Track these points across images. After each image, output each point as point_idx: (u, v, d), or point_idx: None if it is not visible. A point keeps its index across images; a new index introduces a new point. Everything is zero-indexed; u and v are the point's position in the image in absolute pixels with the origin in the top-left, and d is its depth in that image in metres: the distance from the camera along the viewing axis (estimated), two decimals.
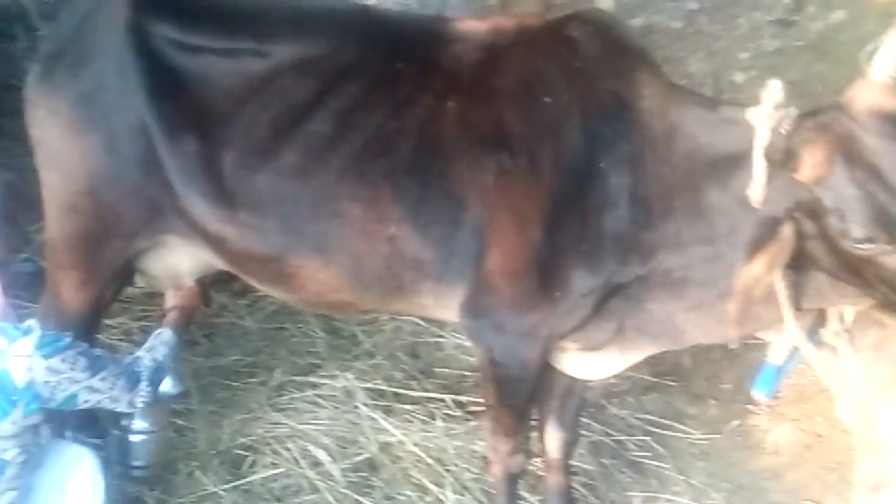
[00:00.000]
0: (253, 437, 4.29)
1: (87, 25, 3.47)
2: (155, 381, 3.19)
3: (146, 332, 4.75)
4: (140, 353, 3.24)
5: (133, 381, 3.09)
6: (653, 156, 3.14)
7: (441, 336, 4.98)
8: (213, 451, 4.20)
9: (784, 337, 3.19)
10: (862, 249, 2.73)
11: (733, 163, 3.00)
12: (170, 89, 3.34)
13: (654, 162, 3.14)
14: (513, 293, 3.23)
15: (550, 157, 3.19)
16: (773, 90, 2.83)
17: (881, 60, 2.70)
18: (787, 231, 2.84)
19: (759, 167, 2.87)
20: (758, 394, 3.33)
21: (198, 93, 3.35)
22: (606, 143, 3.15)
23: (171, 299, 3.70)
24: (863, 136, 2.69)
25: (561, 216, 3.15)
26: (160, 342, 3.34)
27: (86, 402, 2.92)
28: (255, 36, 3.40)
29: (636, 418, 4.64)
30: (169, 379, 3.50)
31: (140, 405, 3.15)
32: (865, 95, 2.72)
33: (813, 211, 2.78)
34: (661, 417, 4.65)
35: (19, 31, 8.28)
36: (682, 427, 4.61)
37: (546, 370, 3.61)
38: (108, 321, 4.63)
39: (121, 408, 3.09)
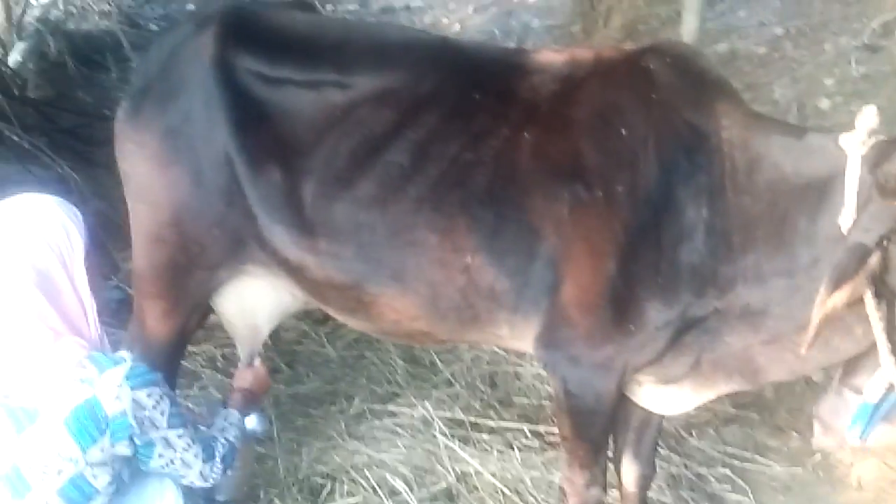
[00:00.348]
0: (331, 466, 4.31)
1: (174, 60, 3.55)
2: (227, 461, 3.18)
3: (229, 359, 4.86)
4: (214, 432, 3.25)
5: (208, 452, 3.08)
6: (733, 187, 3.12)
7: (520, 366, 4.97)
8: (292, 479, 4.22)
9: (881, 373, 3.06)
10: None
11: (822, 191, 2.96)
12: (253, 121, 3.41)
13: (734, 193, 3.11)
14: (587, 325, 3.23)
15: (626, 189, 3.17)
16: (868, 115, 2.80)
17: None
18: (874, 261, 2.79)
19: (851, 193, 2.82)
20: (851, 435, 3.20)
21: (280, 124, 3.41)
22: (684, 174, 3.13)
23: (238, 380, 3.70)
24: None
25: (636, 248, 3.14)
26: (230, 423, 3.34)
27: (160, 457, 2.91)
28: (336, 68, 3.46)
29: (716, 451, 4.57)
30: (255, 416, 3.54)
31: (211, 481, 3.12)
32: None
33: None
34: (742, 450, 4.58)
35: (112, 62, 8.52)
36: (763, 460, 4.53)
37: (622, 402, 3.60)
38: (192, 348, 4.72)
39: (191, 476, 3.05)
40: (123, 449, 2.79)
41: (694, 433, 4.68)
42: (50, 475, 2.67)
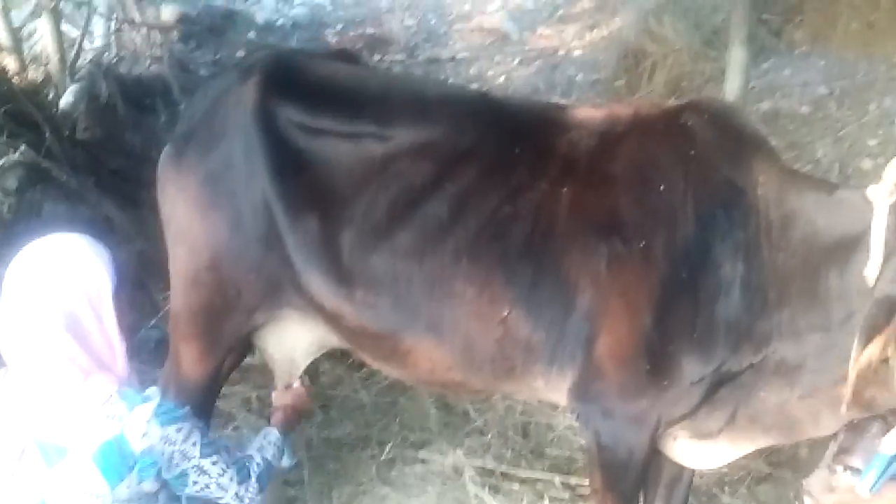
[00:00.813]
0: None
1: (218, 107, 3.62)
2: (263, 481, 3.18)
3: (263, 401, 4.89)
4: (250, 451, 3.26)
5: (243, 474, 3.08)
6: (768, 243, 3.14)
7: (553, 416, 4.96)
8: None
9: None
10: None
11: (852, 245, 2.98)
12: (293, 170, 3.46)
13: (769, 249, 3.13)
14: (622, 379, 3.24)
15: (663, 244, 3.20)
16: (894, 168, 2.81)
17: None
18: None
19: (877, 244, 2.84)
20: (862, 486, 3.17)
21: (319, 174, 3.46)
22: (720, 231, 3.15)
23: (277, 398, 3.72)
24: None
25: (673, 303, 3.16)
26: (268, 442, 3.34)
27: (195, 483, 2.93)
28: (376, 120, 3.51)
29: None
30: (285, 451, 3.56)
31: (248, 501, 3.11)
32: None
33: None
34: None
35: (161, 106, 8.64)
36: None
37: (654, 456, 3.59)
38: (226, 389, 4.73)
39: (227, 498, 3.06)
40: (150, 486, 2.81)
41: (726, 490, 4.64)
42: None
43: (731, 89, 7.38)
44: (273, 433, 3.38)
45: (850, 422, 3.11)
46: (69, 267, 2.77)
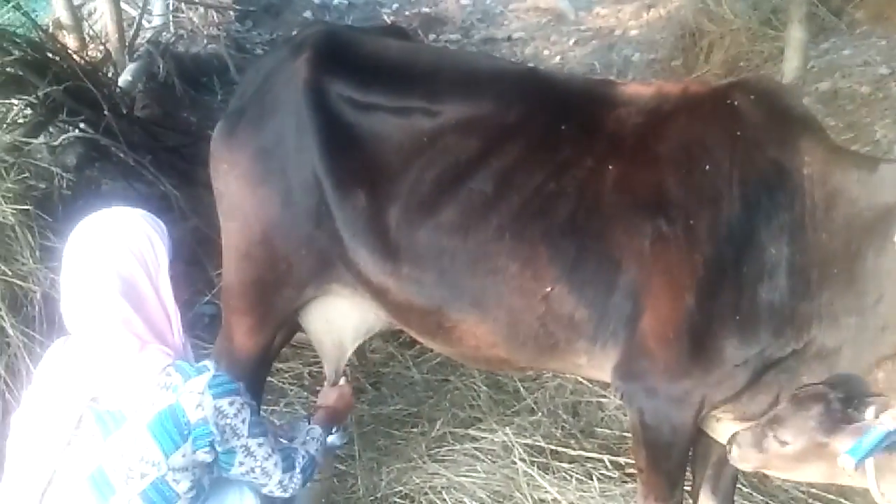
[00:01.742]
0: (410, 487, 4.36)
1: (269, 83, 3.65)
2: (307, 473, 3.20)
3: (316, 378, 4.93)
4: (296, 444, 3.29)
5: (288, 463, 3.12)
6: (812, 224, 3.10)
7: (603, 396, 4.95)
8: (372, 498, 4.28)
9: None
10: None
11: (889, 220, 2.95)
12: (343, 145, 3.48)
13: (813, 230, 3.10)
14: (665, 358, 3.23)
15: (708, 224, 3.19)
16: None
17: None
18: None
19: None
20: (847, 458, 3.10)
21: (368, 149, 3.48)
22: (766, 212, 3.12)
23: (323, 397, 3.74)
24: None
25: (716, 285, 3.14)
26: (311, 438, 3.37)
27: (241, 465, 2.96)
28: (426, 95, 3.52)
29: (800, 491, 4.48)
30: (335, 433, 3.61)
31: (291, 492, 3.15)
32: None
33: None
34: (824, 491, 4.49)
35: (217, 85, 8.72)
36: (846, 502, 4.44)
37: (701, 437, 3.58)
38: (279, 365, 4.81)
39: (270, 485, 3.08)
40: (204, 455, 2.84)
41: None
42: (134, 478, 2.73)
43: (790, 69, 7.30)
44: (316, 430, 3.42)
45: (793, 394, 3.06)
46: (126, 235, 2.83)
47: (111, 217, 2.89)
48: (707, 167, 3.23)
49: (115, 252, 2.79)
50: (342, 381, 3.94)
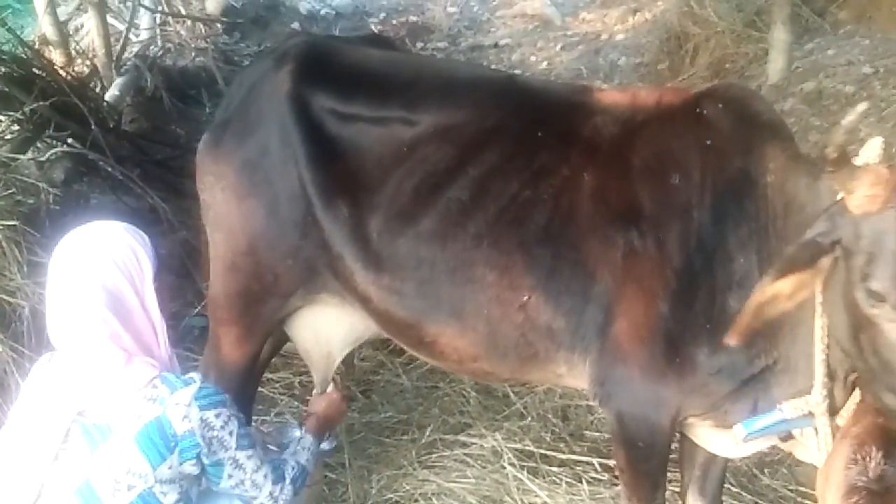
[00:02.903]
0: (401, 493, 4.37)
1: (253, 95, 3.67)
2: (297, 484, 3.21)
3: (306, 387, 4.95)
4: (285, 455, 3.29)
5: (277, 474, 3.12)
6: (775, 232, 3.11)
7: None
8: None
9: (808, 398, 3.04)
10: (871, 306, 2.61)
11: None
12: (326, 156, 3.51)
13: (776, 239, 3.10)
14: (640, 361, 3.24)
15: (679, 234, 3.20)
16: (873, 146, 2.80)
17: None
18: (824, 263, 2.74)
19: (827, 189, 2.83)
20: (740, 428, 3.16)
21: (351, 159, 3.51)
22: (734, 221, 3.14)
23: (313, 405, 3.74)
24: None
25: (687, 294, 3.16)
26: (302, 447, 3.37)
27: (230, 477, 2.97)
28: (405, 104, 3.55)
29: (789, 490, 4.50)
30: (326, 438, 3.61)
31: (281, 502, 3.14)
32: None
33: (848, 248, 2.65)
34: (814, 490, 4.50)
35: (206, 97, 8.74)
36: None
37: (686, 437, 3.61)
38: (270, 375, 4.82)
39: (261, 498, 3.08)
40: (191, 468, 2.85)
41: (766, 471, 4.62)
42: (121, 491, 2.74)
43: (775, 70, 7.38)
44: (307, 439, 3.42)
45: None
46: (110, 248, 2.83)
47: (94, 231, 2.90)
48: (677, 177, 3.24)
49: (99, 265, 2.80)
50: (331, 388, 3.95)
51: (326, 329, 3.87)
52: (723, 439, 3.47)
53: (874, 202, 2.56)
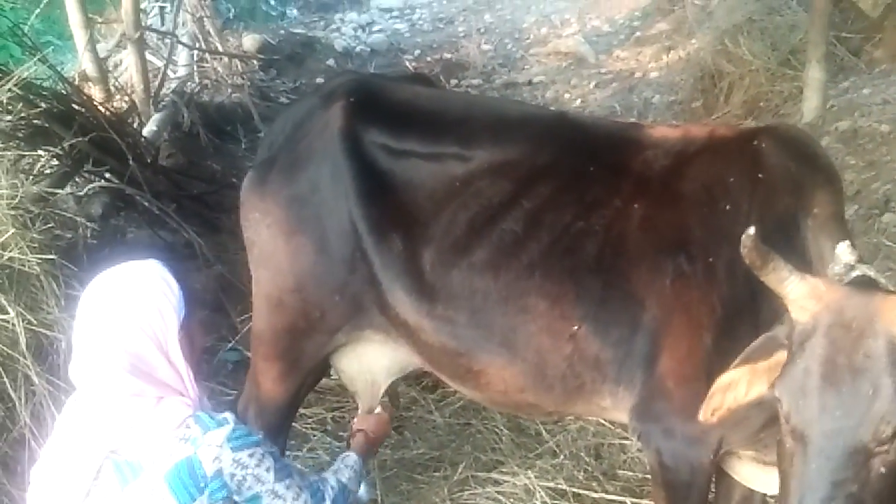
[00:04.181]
0: None
1: (301, 132, 3.69)
2: (338, 502, 3.20)
3: (339, 422, 4.95)
4: (326, 474, 3.27)
5: (317, 498, 3.10)
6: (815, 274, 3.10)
7: (626, 438, 4.92)
8: None
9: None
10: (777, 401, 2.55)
11: None
12: (378, 191, 3.52)
13: None
14: (682, 397, 3.22)
15: (726, 264, 3.19)
16: (842, 251, 2.79)
17: None
18: (779, 357, 2.67)
19: None
20: None
21: (403, 194, 3.53)
22: (781, 255, 3.12)
23: (359, 422, 3.75)
24: (847, 332, 2.45)
25: (732, 325, 3.14)
26: (345, 465, 3.36)
27: None
28: (458, 141, 3.57)
29: None
30: (363, 483, 3.58)
31: None
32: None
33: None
34: None
35: (241, 133, 8.83)
36: None
37: (723, 476, 3.58)
38: (303, 410, 4.81)
39: None
40: None
41: None
42: None
43: (809, 108, 7.35)
44: (351, 457, 3.41)
45: None
46: (135, 307, 2.82)
47: (119, 288, 2.87)
48: (727, 207, 3.25)
49: (123, 329, 2.78)
50: (378, 408, 3.95)
51: (370, 359, 3.87)
52: (762, 475, 3.44)
53: (803, 313, 2.53)
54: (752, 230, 2.48)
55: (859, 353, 2.40)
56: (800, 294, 2.52)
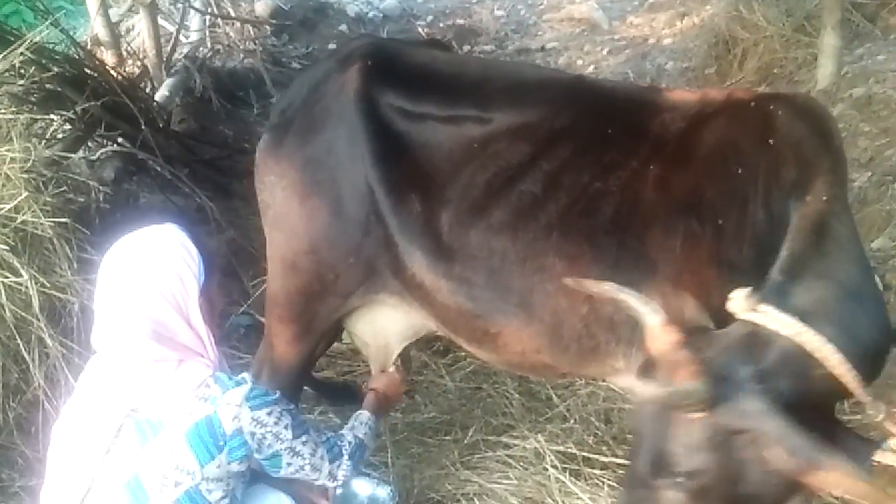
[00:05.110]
0: (443, 493, 4.37)
1: (317, 95, 3.71)
2: (355, 458, 3.25)
3: (349, 386, 4.97)
4: (343, 431, 3.34)
5: (334, 453, 3.17)
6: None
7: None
8: None
9: None
10: None
11: None
12: (395, 153, 3.55)
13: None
14: None
15: (735, 226, 3.21)
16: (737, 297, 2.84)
17: None
18: None
19: None
20: None
21: (420, 156, 3.55)
22: (784, 225, 3.12)
23: (374, 381, 3.80)
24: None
25: (739, 286, 3.15)
26: (360, 423, 3.42)
27: (289, 465, 3.02)
28: (475, 104, 3.60)
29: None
30: (385, 489, 3.71)
31: (342, 479, 3.20)
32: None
33: None
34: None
35: (254, 98, 8.81)
36: None
37: None
38: (315, 374, 4.83)
39: (322, 479, 3.15)
40: (238, 467, 2.89)
41: None
42: (168, 486, 2.79)
43: (824, 75, 7.31)
44: (364, 414, 3.47)
45: None
46: (156, 274, 2.86)
47: (139, 254, 2.90)
48: (738, 169, 3.25)
49: (144, 296, 2.82)
50: (392, 367, 3.98)
51: (384, 323, 3.90)
52: None
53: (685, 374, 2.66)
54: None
55: None
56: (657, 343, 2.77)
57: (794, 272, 2.97)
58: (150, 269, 2.86)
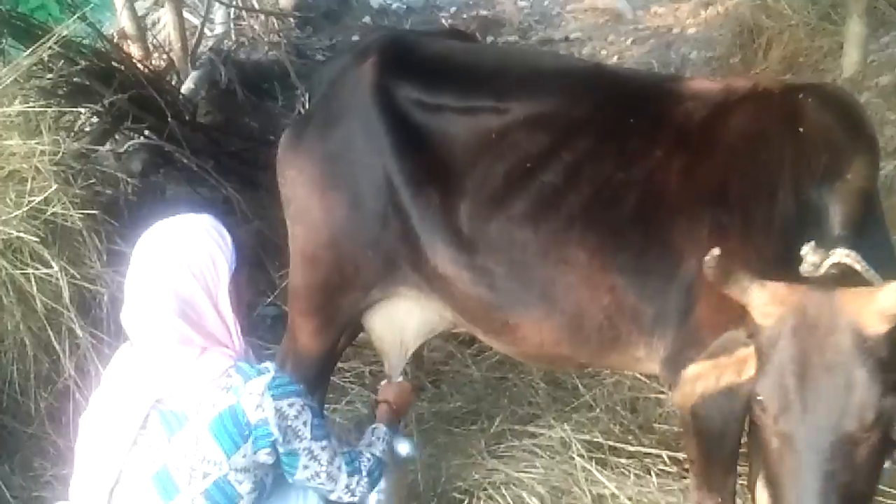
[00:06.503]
0: (469, 482, 4.38)
1: (335, 89, 3.74)
2: (374, 476, 3.22)
3: (376, 376, 4.99)
4: (360, 447, 3.30)
5: (353, 466, 3.13)
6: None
7: (661, 392, 4.91)
8: (431, 494, 4.32)
9: None
10: (759, 412, 2.61)
11: None
12: (413, 146, 3.56)
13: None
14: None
15: (764, 216, 3.20)
16: (808, 251, 2.80)
17: None
18: (741, 353, 2.75)
19: None
20: None
21: (438, 148, 3.56)
22: (814, 215, 3.09)
23: (383, 393, 3.76)
24: (814, 332, 2.50)
25: (768, 276, 3.14)
26: (377, 438, 3.38)
27: (305, 468, 2.99)
28: (493, 94, 3.60)
29: None
30: (407, 442, 3.62)
31: (359, 495, 3.15)
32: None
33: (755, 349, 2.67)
34: (890, 487, 4.44)
35: (278, 91, 8.84)
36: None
37: (755, 428, 3.58)
38: (341, 364, 4.86)
39: (337, 491, 3.10)
40: (265, 457, 2.89)
41: None
42: (196, 478, 2.80)
43: (849, 63, 7.26)
44: (380, 429, 3.44)
45: None
46: (187, 256, 2.87)
47: (175, 233, 2.92)
48: (766, 158, 3.24)
49: (175, 273, 2.83)
50: (400, 377, 3.99)
51: (401, 318, 3.91)
52: None
53: (768, 318, 2.57)
54: (716, 251, 2.54)
55: (829, 350, 2.46)
56: (761, 301, 2.58)
57: (856, 230, 2.96)
58: (183, 248, 2.87)
